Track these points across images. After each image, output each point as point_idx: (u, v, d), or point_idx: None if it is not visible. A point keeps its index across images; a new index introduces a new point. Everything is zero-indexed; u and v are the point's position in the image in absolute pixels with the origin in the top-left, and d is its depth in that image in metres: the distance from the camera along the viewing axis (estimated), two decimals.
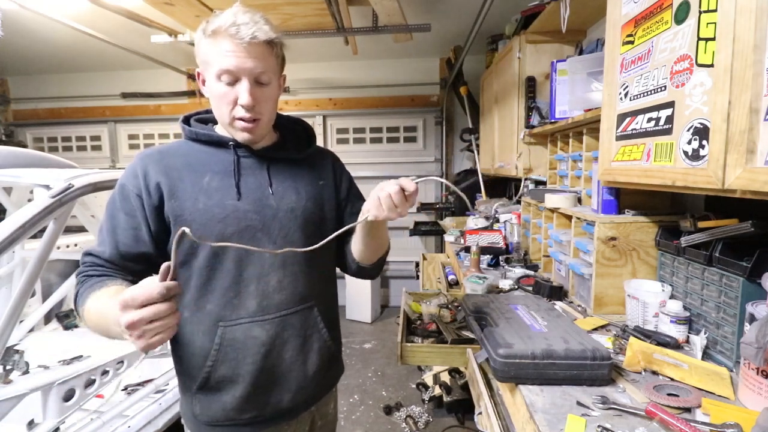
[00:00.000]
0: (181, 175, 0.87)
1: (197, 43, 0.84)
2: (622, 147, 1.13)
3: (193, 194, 0.86)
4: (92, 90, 4.57)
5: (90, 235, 2.01)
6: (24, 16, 2.74)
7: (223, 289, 0.87)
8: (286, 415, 0.95)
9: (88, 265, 0.85)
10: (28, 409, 1.36)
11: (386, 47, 3.77)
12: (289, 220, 0.91)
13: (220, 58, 0.80)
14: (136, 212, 0.85)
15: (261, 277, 0.88)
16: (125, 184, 0.87)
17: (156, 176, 0.86)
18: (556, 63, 1.96)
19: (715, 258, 1.07)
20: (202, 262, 0.87)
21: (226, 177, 0.89)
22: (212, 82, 0.84)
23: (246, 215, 0.87)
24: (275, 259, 0.89)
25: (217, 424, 0.90)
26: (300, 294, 0.92)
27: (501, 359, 0.96)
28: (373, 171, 4.39)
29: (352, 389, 2.83)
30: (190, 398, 0.91)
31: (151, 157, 0.89)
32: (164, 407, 1.65)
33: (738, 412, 0.82)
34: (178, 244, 0.63)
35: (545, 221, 1.94)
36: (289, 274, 0.91)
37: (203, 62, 0.84)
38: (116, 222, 0.86)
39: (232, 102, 0.83)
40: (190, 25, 2.73)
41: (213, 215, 0.85)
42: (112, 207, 0.87)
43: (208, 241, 0.82)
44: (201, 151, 0.92)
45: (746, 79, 0.72)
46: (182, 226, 0.63)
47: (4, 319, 1.26)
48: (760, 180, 0.70)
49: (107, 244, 0.85)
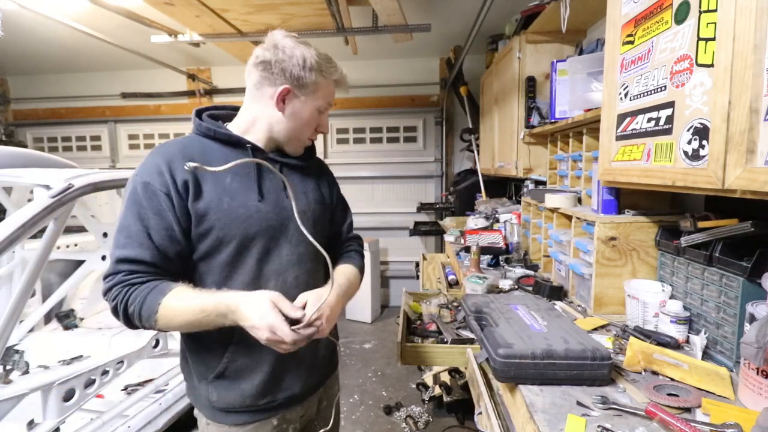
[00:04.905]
0: (203, 174, 0.89)
1: (310, 74, 0.91)
2: (622, 147, 1.13)
3: (217, 194, 0.88)
4: (92, 90, 4.57)
5: (90, 235, 2.01)
6: (24, 16, 2.74)
7: (244, 284, 0.90)
8: (298, 399, 1.01)
9: (127, 273, 0.83)
10: (28, 409, 1.36)
11: (386, 47, 3.77)
12: (302, 222, 0.96)
13: (328, 98, 0.98)
14: (166, 212, 0.84)
15: (280, 273, 0.94)
16: (150, 182, 0.85)
17: (182, 174, 0.86)
18: (556, 63, 1.96)
19: (715, 258, 1.07)
20: (225, 258, 0.90)
21: (246, 178, 0.92)
22: (306, 108, 0.94)
23: (267, 216, 0.92)
24: (293, 257, 0.96)
25: (234, 410, 0.94)
26: (311, 289, 0.96)
27: (501, 359, 0.96)
28: (373, 171, 4.39)
29: (352, 389, 2.82)
30: (206, 386, 0.94)
31: (173, 154, 0.88)
32: (164, 407, 1.65)
33: (738, 412, 0.82)
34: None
35: (545, 221, 1.94)
36: (304, 272, 0.98)
37: (312, 92, 0.93)
38: (147, 223, 0.84)
39: (315, 126, 0.99)
40: (190, 25, 2.73)
41: (237, 215, 0.89)
42: (137, 207, 0.84)
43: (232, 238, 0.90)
44: (218, 150, 0.93)
45: (746, 79, 0.72)
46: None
47: (4, 319, 1.26)
48: (760, 180, 0.70)
49: (146, 248, 0.83)
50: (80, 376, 1.44)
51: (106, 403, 1.73)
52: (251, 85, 0.94)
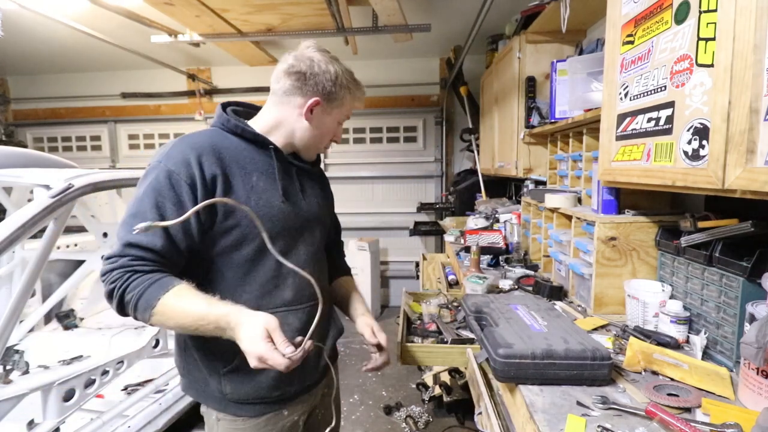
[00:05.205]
0: (232, 170, 0.91)
1: (339, 89, 0.98)
2: (622, 147, 1.13)
3: (245, 192, 0.91)
4: (92, 90, 4.57)
5: (90, 235, 2.01)
6: (24, 16, 2.74)
7: (264, 280, 0.93)
8: (308, 390, 1.06)
9: (133, 258, 0.81)
10: (28, 409, 1.36)
11: (386, 47, 3.77)
12: (315, 223, 1.06)
13: (349, 112, 1.04)
14: (186, 203, 0.84)
15: (300, 268, 0.95)
16: (174, 171, 0.85)
17: (211, 168, 0.88)
18: (556, 63, 1.96)
19: (715, 258, 1.07)
20: (246, 254, 0.92)
21: (270, 178, 0.96)
22: (330, 119, 1.01)
23: (288, 216, 0.97)
24: (309, 255, 1.03)
25: (248, 401, 0.96)
26: (322, 287, 1.01)
27: (501, 359, 0.96)
28: (373, 171, 4.39)
29: (352, 389, 2.82)
30: (218, 379, 0.94)
31: (202, 147, 0.89)
32: (164, 407, 1.65)
33: (738, 412, 0.82)
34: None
35: (545, 221, 1.94)
36: (318, 270, 1.06)
37: (338, 105, 1.00)
38: (164, 212, 0.83)
39: (332, 136, 1.05)
40: (190, 25, 2.73)
41: (263, 214, 0.91)
42: (156, 195, 0.84)
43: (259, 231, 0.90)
44: (243, 147, 0.95)
45: (746, 79, 0.72)
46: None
47: (4, 319, 1.26)
48: (760, 180, 0.70)
49: (158, 236, 0.82)
50: (80, 376, 1.44)
51: (106, 403, 1.73)
52: (280, 91, 0.96)
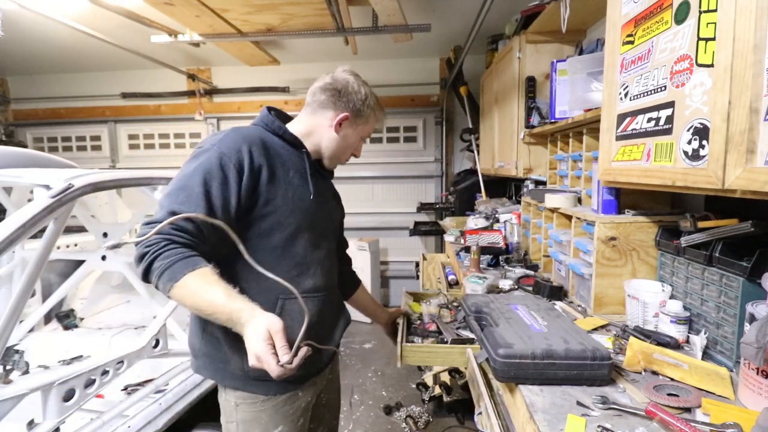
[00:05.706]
0: (275, 164, 1.00)
1: (367, 109, 1.12)
2: (622, 147, 1.13)
3: (284, 184, 1.01)
4: (92, 90, 4.57)
5: (90, 235, 2.01)
6: (24, 16, 2.74)
7: (289, 267, 1.01)
8: (319, 372, 1.15)
9: (175, 227, 0.84)
10: (28, 409, 1.36)
11: (386, 47, 3.77)
12: (333, 225, 1.19)
13: (371, 130, 1.18)
14: (231, 184, 0.92)
15: (321, 261, 1.10)
16: (225, 153, 0.92)
17: (259, 159, 0.97)
18: (556, 63, 1.96)
19: (715, 258, 1.07)
20: (277, 241, 1.00)
21: (302, 176, 1.06)
22: (355, 134, 1.14)
23: (315, 213, 1.07)
24: (330, 248, 1.15)
25: (267, 378, 0.95)
26: (335, 278, 1.19)
27: (501, 359, 0.96)
28: (373, 171, 4.39)
29: (352, 389, 2.83)
30: (241, 356, 0.95)
31: (253, 140, 0.98)
32: (164, 407, 1.64)
33: (738, 412, 0.82)
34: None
35: (545, 221, 1.94)
36: (335, 262, 1.20)
37: (363, 123, 1.14)
38: (210, 190, 0.89)
39: (353, 150, 1.18)
40: (190, 25, 2.73)
41: (296, 206, 1.01)
42: (205, 173, 0.90)
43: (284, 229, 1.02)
44: (282, 147, 1.06)
45: (746, 79, 0.72)
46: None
47: (4, 319, 1.26)
48: (760, 180, 0.70)
49: (202, 210, 0.86)
50: (80, 376, 1.44)
51: (106, 403, 1.73)
52: (315, 104, 1.10)
